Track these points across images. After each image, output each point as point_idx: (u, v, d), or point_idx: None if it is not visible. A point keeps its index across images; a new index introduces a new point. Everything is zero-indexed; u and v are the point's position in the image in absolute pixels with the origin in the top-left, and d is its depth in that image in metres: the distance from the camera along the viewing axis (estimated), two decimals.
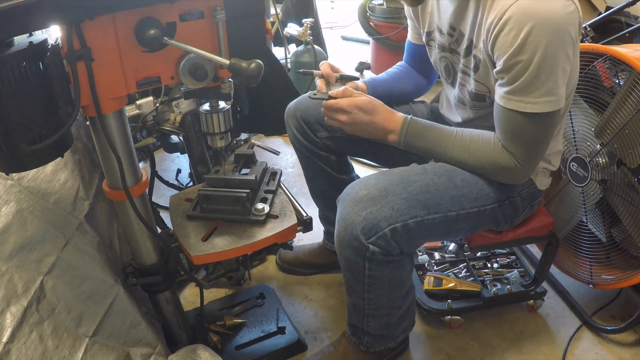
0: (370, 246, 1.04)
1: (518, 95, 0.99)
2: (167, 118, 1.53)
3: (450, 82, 1.26)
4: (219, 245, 1.08)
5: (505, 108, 1.02)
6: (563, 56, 0.96)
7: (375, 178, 1.11)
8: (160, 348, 1.14)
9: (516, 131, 1.04)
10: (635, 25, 1.94)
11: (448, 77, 1.26)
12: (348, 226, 1.05)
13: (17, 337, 0.85)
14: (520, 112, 1.00)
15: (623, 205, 1.33)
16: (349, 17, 4.57)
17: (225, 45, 0.90)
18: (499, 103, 1.03)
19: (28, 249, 0.94)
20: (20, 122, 0.78)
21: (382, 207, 1.04)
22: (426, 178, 1.11)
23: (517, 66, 0.96)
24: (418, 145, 1.16)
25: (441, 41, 1.21)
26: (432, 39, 1.25)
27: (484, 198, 1.14)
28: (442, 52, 1.23)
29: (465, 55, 1.14)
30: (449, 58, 1.21)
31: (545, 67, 0.95)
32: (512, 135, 1.05)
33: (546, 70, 0.95)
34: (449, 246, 1.68)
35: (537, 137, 1.05)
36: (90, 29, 0.78)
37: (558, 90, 0.98)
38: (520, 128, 1.03)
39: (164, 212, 1.73)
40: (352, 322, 1.27)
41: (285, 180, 2.27)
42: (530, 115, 1.00)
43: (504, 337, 1.47)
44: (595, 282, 1.46)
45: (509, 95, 1.00)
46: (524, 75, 0.96)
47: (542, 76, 0.96)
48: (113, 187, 0.99)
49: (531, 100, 0.98)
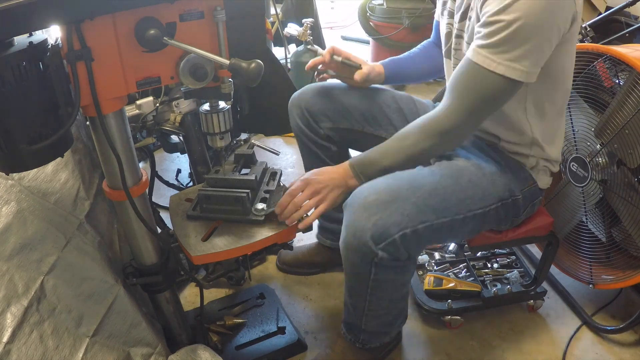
0: (380, 252, 1.03)
1: (487, 50, 0.98)
2: (167, 118, 1.53)
3: (445, 51, 1.27)
4: (219, 245, 1.08)
5: (470, 60, 1.00)
6: (544, 35, 0.96)
7: (383, 182, 1.09)
8: (160, 348, 1.14)
9: (467, 83, 1.02)
10: (635, 25, 1.94)
11: (445, 44, 1.26)
12: (357, 232, 1.04)
13: (17, 337, 0.85)
14: (483, 67, 0.98)
15: (623, 205, 1.33)
16: (349, 17, 4.57)
17: (225, 45, 0.90)
18: (467, 55, 1.02)
19: (28, 249, 0.95)
20: (20, 122, 0.78)
21: (392, 212, 1.03)
22: (434, 181, 1.11)
23: (497, 24, 0.95)
24: (377, 171, 1.12)
25: (451, 7, 1.21)
26: (445, 8, 1.25)
27: (488, 198, 1.14)
28: (449, 19, 1.23)
29: (460, 19, 1.14)
30: (451, 24, 1.22)
31: (522, 34, 0.94)
32: (459, 86, 1.04)
33: (523, 37, 0.95)
34: (449, 246, 1.68)
35: (483, 96, 1.02)
36: (90, 29, 0.78)
37: (527, 62, 0.97)
38: (472, 81, 1.01)
39: (164, 212, 1.73)
40: (349, 320, 1.27)
41: (285, 180, 2.25)
42: (489, 73, 0.98)
43: (504, 337, 1.47)
44: (595, 282, 1.46)
45: (478, 49, 0.99)
46: (500, 34, 0.95)
47: (516, 40, 0.95)
48: (113, 187, 0.99)
49: (497, 60, 0.97)
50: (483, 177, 1.15)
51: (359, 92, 1.41)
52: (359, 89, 1.41)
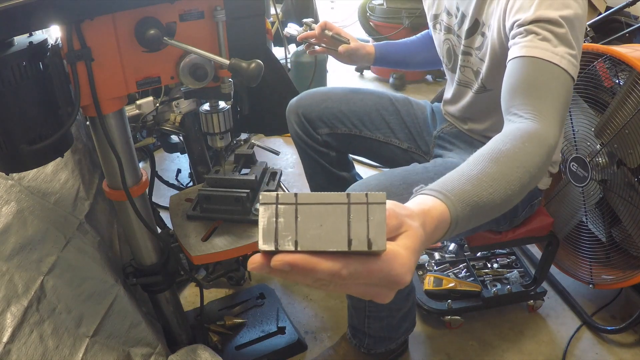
0: None
1: (545, 42, 0.86)
2: (167, 118, 1.53)
3: (451, 67, 1.26)
4: (219, 245, 1.08)
5: (527, 57, 0.87)
6: (581, 33, 0.91)
7: (376, 178, 1.10)
8: (160, 348, 1.14)
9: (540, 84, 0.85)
10: (635, 25, 1.94)
11: (449, 61, 1.26)
12: None
13: (17, 337, 0.85)
14: (546, 60, 0.85)
15: (623, 205, 1.33)
16: (349, 17, 4.57)
17: (225, 45, 0.90)
18: (519, 54, 0.88)
19: (28, 249, 0.95)
20: (20, 122, 0.78)
21: None
22: (427, 178, 1.11)
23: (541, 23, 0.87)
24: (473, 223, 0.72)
25: (448, 23, 1.21)
26: (438, 22, 1.25)
27: None
28: (447, 34, 1.22)
29: (467, 35, 1.13)
30: (451, 40, 1.21)
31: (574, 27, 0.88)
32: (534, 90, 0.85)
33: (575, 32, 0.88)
34: (449, 246, 1.68)
35: (558, 93, 0.86)
36: (90, 29, 0.78)
37: (577, 60, 0.88)
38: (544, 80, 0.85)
39: (164, 212, 1.73)
40: (353, 324, 1.27)
41: (285, 180, 2.27)
42: (555, 68, 0.85)
43: (504, 337, 1.47)
44: (595, 282, 1.46)
45: (533, 43, 0.87)
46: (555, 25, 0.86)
47: (571, 34, 0.87)
48: (113, 187, 0.99)
49: (559, 52, 0.85)
50: None
51: (355, 96, 1.41)
52: (355, 92, 1.41)
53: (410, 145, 1.37)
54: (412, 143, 1.38)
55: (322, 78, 2.76)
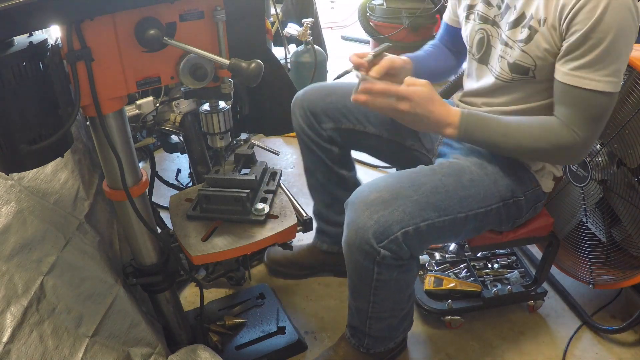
0: (382, 250, 1.03)
1: (584, 71, 0.99)
2: (167, 118, 1.53)
3: (479, 57, 1.23)
4: (219, 245, 1.08)
5: (569, 85, 1.02)
6: (630, 40, 0.99)
7: (384, 181, 1.10)
8: (160, 348, 1.14)
9: (580, 108, 1.03)
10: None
11: (478, 51, 1.22)
12: (359, 230, 1.04)
13: (17, 337, 0.85)
14: (584, 88, 1.00)
15: (623, 205, 1.33)
16: (349, 17, 4.57)
17: (225, 45, 0.90)
18: (562, 81, 1.03)
19: (28, 249, 0.94)
20: (20, 122, 0.78)
21: (394, 210, 1.03)
22: (435, 179, 1.11)
23: (590, 42, 0.97)
24: (476, 138, 1.11)
25: (485, 13, 1.19)
26: (472, 12, 1.23)
27: (490, 197, 1.14)
28: (483, 24, 1.20)
29: (511, 27, 1.11)
30: (487, 30, 1.19)
31: (615, 47, 0.97)
32: (576, 112, 1.04)
33: (616, 50, 0.97)
34: (450, 246, 1.68)
35: (598, 114, 1.04)
36: (90, 29, 0.78)
37: (620, 73, 1.00)
38: (584, 104, 1.02)
39: (164, 212, 1.72)
40: (353, 324, 1.27)
41: (285, 180, 2.27)
42: (593, 93, 1.00)
43: (504, 337, 1.47)
44: (595, 282, 1.46)
45: (574, 72, 1.01)
46: (595, 51, 0.97)
47: (611, 55, 0.97)
48: (113, 187, 0.99)
49: (596, 78, 0.99)
50: (485, 176, 1.14)
51: None
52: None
53: (413, 143, 1.37)
54: (416, 141, 1.37)
55: (322, 78, 2.76)
